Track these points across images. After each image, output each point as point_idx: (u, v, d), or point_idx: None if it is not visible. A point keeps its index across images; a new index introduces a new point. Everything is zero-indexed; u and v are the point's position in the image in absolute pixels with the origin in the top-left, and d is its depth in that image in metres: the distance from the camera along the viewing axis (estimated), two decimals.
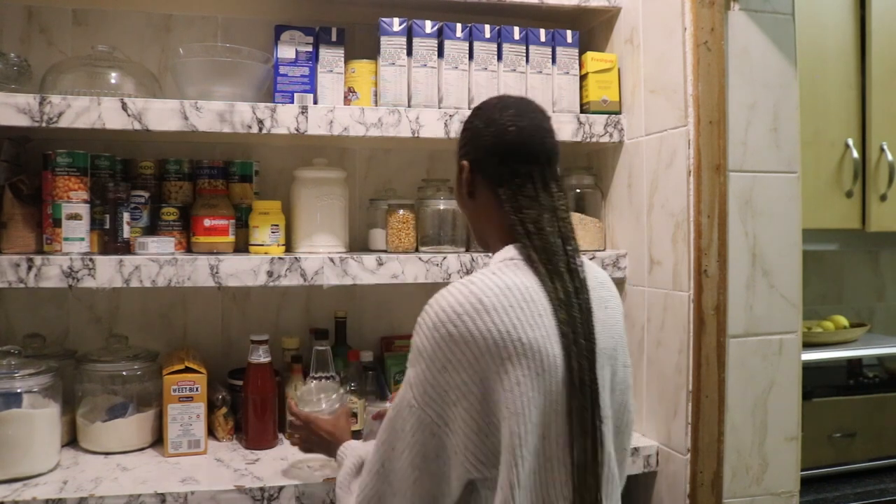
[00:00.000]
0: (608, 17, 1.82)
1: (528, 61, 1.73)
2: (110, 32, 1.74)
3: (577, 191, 1.82)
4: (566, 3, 1.75)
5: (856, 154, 1.92)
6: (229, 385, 1.70)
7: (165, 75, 1.74)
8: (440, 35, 1.68)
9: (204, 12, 1.80)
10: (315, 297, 1.89)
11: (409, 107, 1.65)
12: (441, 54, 1.68)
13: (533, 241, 1.07)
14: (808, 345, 1.90)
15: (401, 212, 1.67)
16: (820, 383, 1.86)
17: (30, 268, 1.39)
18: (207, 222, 1.59)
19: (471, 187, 1.15)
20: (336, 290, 1.84)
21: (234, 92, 1.58)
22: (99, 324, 1.76)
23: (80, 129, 1.44)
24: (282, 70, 1.64)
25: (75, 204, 1.46)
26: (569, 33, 1.77)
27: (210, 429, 1.62)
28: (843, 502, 1.74)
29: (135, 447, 1.55)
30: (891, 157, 1.94)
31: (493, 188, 1.11)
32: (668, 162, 1.57)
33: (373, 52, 1.69)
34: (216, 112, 1.48)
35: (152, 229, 1.61)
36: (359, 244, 1.84)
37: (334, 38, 1.67)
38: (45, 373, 1.43)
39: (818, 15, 1.89)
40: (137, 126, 1.45)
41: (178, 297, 1.81)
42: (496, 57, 1.71)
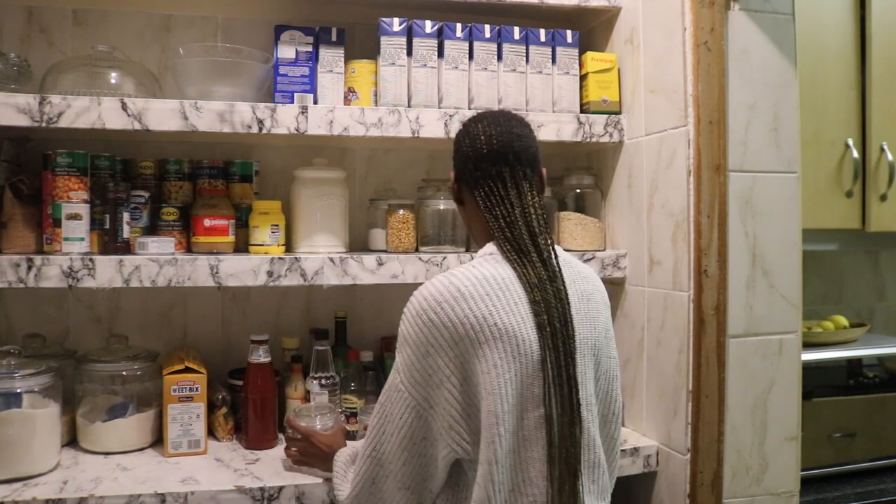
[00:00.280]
0: (608, 17, 1.82)
1: (528, 61, 1.73)
2: (110, 32, 1.74)
3: (577, 191, 1.82)
4: (566, 3, 1.75)
5: (856, 154, 1.92)
6: (229, 385, 1.70)
7: (165, 75, 1.74)
8: (440, 35, 1.68)
9: (204, 12, 1.80)
10: (315, 297, 1.89)
11: (409, 107, 1.65)
12: (441, 54, 1.68)
13: (506, 236, 1.15)
14: (808, 345, 1.90)
15: (401, 212, 1.67)
16: (820, 383, 1.86)
17: (30, 268, 1.39)
18: (207, 222, 1.59)
19: (458, 195, 1.26)
20: (336, 290, 1.84)
21: (234, 92, 1.58)
22: (99, 324, 1.76)
23: (80, 129, 1.44)
24: (282, 70, 1.64)
25: (75, 204, 1.46)
26: (569, 33, 1.77)
27: (210, 429, 1.62)
28: (843, 502, 1.74)
29: (135, 447, 1.55)
30: (891, 157, 1.94)
31: (471, 192, 1.21)
32: (668, 162, 1.57)
33: (373, 52, 1.69)
34: (216, 112, 1.49)
35: (152, 229, 1.61)
36: (359, 244, 1.84)
37: (334, 38, 1.67)
38: (45, 373, 1.43)
39: (818, 15, 1.89)
40: (137, 126, 1.45)
41: (178, 297, 1.81)
42: (496, 57, 1.71)
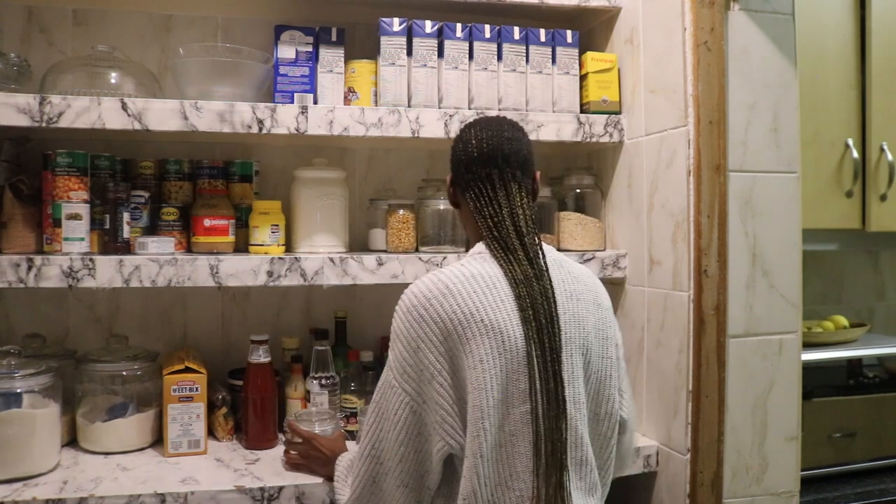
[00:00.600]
0: (608, 17, 1.82)
1: (528, 61, 1.73)
2: (110, 32, 1.74)
3: (577, 191, 1.82)
4: (566, 3, 1.75)
5: (856, 154, 1.92)
6: (229, 385, 1.70)
7: (165, 75, 1.74)
8: (440, 35, 1.68)
9: (204, 12, 1.80)
10: (315, 297, 1.89)
11: (409, 107, 1.65)
12: (441, 54, 1.68)
13: (493, 235, 1.18)
14: (808, 345, 1.90)
15: (401, 212, 1.67)
16: (820, 383, 1.86)
17: (30, 268, 1.39)
18: (207, 222, 1.59)
19: (453, 197, 1.29)
20: (336, 290, 1.84)
21: (234, 92, 1.58)
22: (99, 324, 1.76)
23: (80, 129, 1.44)
24: (282, 70, 1.64)
25: (75, 204, 1.46)
26: (569, 33, 1.77)
27: (210, 429, 1.62)
28: (843, 502, 1.74)
29: (135, 447, 1.55)
30: (891, 157, 1.94)
31: (464, 194, 1.24)
32: (668, 162, 1.57)
33: (373, 52, 1.69)
34: (216, 112, 1.48)
35: (152, 229, 1.61)
36: (359, 244, 1.84)
37: (334, 38, 1.67)
38: (45, 373, 1.43)
39: (818, 15, 1.89)
40: (137, 126, 1.45)
41: (178, 297, 1.81)
42: (496, 57, 1.71)
